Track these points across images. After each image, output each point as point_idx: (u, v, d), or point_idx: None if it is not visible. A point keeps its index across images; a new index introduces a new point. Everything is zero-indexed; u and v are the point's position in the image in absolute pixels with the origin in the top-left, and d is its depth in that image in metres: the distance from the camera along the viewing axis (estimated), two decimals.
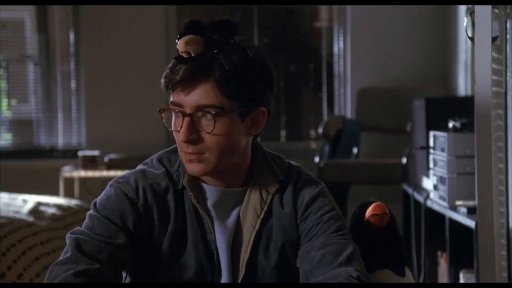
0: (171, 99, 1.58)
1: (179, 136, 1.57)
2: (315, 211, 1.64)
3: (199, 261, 1.61)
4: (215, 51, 1.54)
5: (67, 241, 1.57)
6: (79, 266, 1.50)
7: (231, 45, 1.56)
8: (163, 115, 1.62)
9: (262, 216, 1.63)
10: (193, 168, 1.59)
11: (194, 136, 1.55)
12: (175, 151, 1.68)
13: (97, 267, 1.51)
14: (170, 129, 1.61)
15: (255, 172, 1.67)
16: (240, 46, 1.57)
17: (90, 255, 1.53)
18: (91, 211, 1.62)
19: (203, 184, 1.64)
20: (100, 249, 1.54)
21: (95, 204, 1.63)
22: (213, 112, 1.54)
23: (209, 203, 1.64)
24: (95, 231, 1.57)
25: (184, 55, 1.55)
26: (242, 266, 1.62)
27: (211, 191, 1.64)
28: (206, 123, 1.55)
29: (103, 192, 1.64)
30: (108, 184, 1.65)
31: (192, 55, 1.54)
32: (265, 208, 1.64)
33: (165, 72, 1.58)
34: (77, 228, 1.60)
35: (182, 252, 1.61)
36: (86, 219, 1.61)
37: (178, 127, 1.58)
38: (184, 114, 1.55)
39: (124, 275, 1.69)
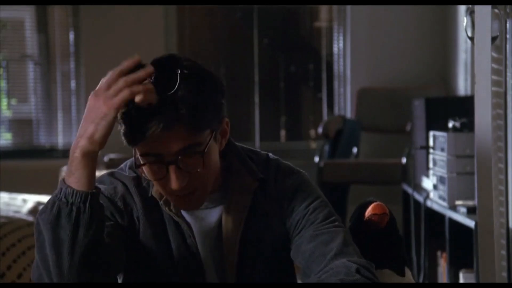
0: (142, 151, 1.50)
1: (168, 185, 1.51)
2: (299, 203, 1.61)
3: (185, 264, 1.59)
4: (171, 92, 1.46)
5: None
6: None
7: (181, 77, 1.48)
8: (143, 170, 1.53)
9: (245, 217, 1.61)
10: (186, 206, 1.57)
11: (184, 181, 1.50)
12: None
13: None
14: (148, 179, 1.54)
15: (233, 173, 1.63)
16: (188, 73, 1.49)
17: None
18: None
19: None
20: None
21: None
22: (198, 150, 1.49)
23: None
24: None
25: (143, 105, 1.44)
26: (232, 269, 1.60)
27: None
28: (192, 163, 1.50)
29: None
30: None
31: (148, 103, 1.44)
32: (247, 208, 1.61)
33: (127, 129, 1.50)
34: None
35: (167, 256, 1.60)
36: None
37: (160, 176, 1.51)
38: (167, 163, 1.49)
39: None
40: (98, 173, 4.95)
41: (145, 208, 1.60)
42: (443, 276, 3.52)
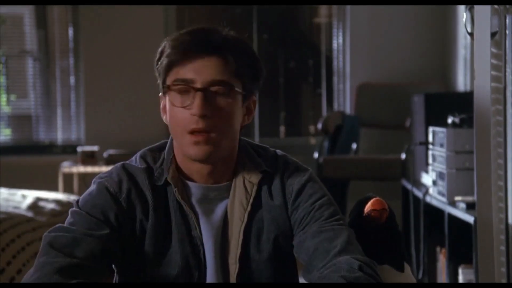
0: (176, 77, 1.55)
1: (190, 112, 1.54)
2: (305, 199, 1.63)
3: (185, 257, 1.60)
4: (226, 30, 1.60)
5: (42, 239, 1.55)
6: (49, 264, 1.48)
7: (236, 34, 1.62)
8: (170, 93, 1.56)
9: (249, 209, 1.62)
10: (199, 151, 1.56)
11: (207, 111, 1.53)
12: (159, 148, 1.67)
13: (70, 261, 1.49)
14: (175, 106, 1.56)
15: (238, 166, 1.65)
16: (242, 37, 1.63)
17: (62, 251, 1.51)
18: (72, 208, 1.61)
19: (188, 182, 1.63)
20: (77, 242, 1.53)
21: (77, 201, 1.62)
22: (227, 87, 1.55)
23: (194, 199, 1.62)
24: (75, 225, 1.56)
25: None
26: (235, 261, 1.60)
27: (195, 188, 1.63)
28: (219, 99, 1.55)
29: (87, 189, 1.64)
30: (92, 181, 1.65)
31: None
32: (250, 200, 1.62)
33: (169, 45, 1.58)
34: (57, 225, 1.58)
35: (168, 248, 1.60)
36: (68, 216, 1.60)
37: (186, 103, 1.55)
38: (196, 89, 1.54)
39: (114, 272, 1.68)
40: (99, 169, 4.92)
41: (154, 199, 1.61)
42: (442, 271, 3.53)
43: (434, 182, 3.50)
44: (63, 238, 1.53)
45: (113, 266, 1.64)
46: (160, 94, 1.63)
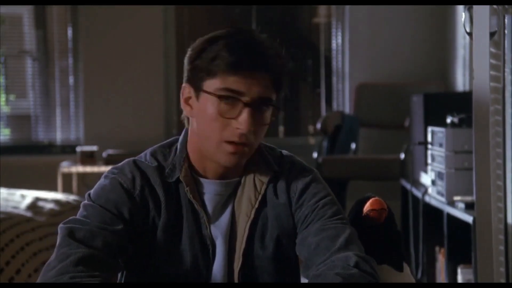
0: (225, 85, 1.54)
1: (234, 125, 1.55)
2: (309, 198, 1.65)
3: (194, 255, 1.62)
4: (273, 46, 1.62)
5: (59, 231, 1.56)
6: (73, 255, 1.49)
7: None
8: (210, 97, 1.55)
9: (256, 205, 1.64)
10: (232, 160, 1.59)
11: (252, 126, 1.56)
12: (170, 145, 1.69)
13: (92, 252, 1.50)
14: (217, 113, 1.55)
15: (249, 163, 1.67)
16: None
17: (83, 242, 1.52)
18: (85, 201, 1.62)
19: (201, 179, 1.65)
20: (94, 235, 1.54)
21: (89, 194, 1.63)
22: (270, 104, 1.58)
23: (206, 197, 1.64)
24: (89, 218, 1.57)
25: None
26: (239, 255, 1.62)
27: (208, 184, 1.64)
28: (261, 116, 1.57)
29: (98, 184, 1.64)
30: (103, 176, 1.66)
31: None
32: (259, 198, 1.65)
33: (225, 48, 1.54)
34: (71, 217, 1.59)
35: (178, 245, 1.62)
36: (80, 209, 1.61)
37: (231, 114, 1.55)
38: (246, 104, 1.54)
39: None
40: (98, 169, 4.91)
41: (166, 197, 1.62)
42: (441, 271, 3.53)
43: (433, 182, 3.50)
44: (81, 230, 1.55)
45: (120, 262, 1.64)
46: (185, 84, 1.62)
